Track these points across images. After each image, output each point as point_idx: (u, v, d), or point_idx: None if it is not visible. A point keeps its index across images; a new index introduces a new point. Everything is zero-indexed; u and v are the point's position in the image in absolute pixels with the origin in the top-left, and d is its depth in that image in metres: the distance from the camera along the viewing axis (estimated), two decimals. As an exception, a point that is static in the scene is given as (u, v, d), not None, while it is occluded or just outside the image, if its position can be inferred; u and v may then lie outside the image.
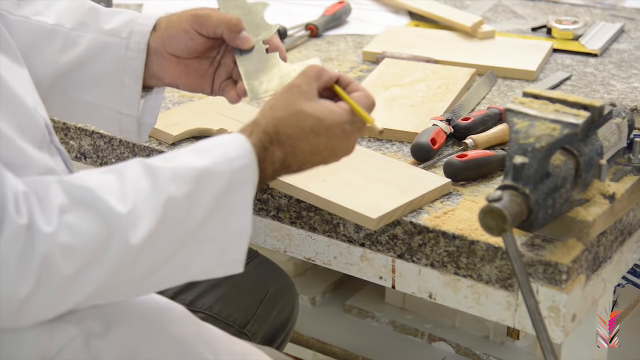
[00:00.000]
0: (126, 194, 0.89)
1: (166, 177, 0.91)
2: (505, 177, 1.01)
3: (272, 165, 0.98)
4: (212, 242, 0.95)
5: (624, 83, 1.51)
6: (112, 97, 1.16)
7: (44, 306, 0.88)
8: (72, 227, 0.86)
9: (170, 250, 0.92)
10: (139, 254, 0.89)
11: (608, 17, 1.82)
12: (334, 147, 1.01)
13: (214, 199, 0.93)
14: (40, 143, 0.99)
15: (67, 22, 1.16)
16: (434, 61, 1.56)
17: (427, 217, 1.13)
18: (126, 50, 1.14)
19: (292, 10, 1.86)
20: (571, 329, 1.08)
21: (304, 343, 1.78)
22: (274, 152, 0.98)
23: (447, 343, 1.74)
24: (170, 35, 1.14)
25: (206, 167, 0.93)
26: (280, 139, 0.98)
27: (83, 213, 0.87)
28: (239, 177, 0.95)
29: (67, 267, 0.86)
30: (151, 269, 0.92)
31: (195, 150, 0.96)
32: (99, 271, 0.88)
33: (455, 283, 1.12)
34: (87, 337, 0.97)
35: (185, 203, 0.91)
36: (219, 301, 1.31)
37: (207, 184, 0.93)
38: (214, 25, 1.13)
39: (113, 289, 0.91)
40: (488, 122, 1.32)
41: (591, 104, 1.06)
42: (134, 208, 0.89)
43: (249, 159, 0.95)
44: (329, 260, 1.21)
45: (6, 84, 0.95)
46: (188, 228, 0.92)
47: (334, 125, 1.00)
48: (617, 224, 1.14)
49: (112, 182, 0.90)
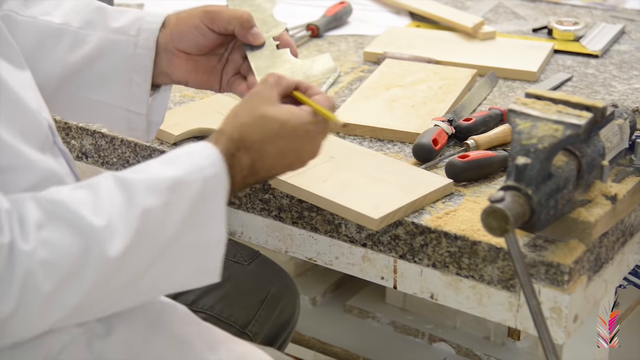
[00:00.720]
0: (101, 207, 0.89)
1: (140, 188, 0.92)
2: (508, 178, 1.01)
3: (240, 172, 0.99)
4: (189, 252, 0.95)
5: (625, 84, 1.51)
6: (121, 95, 1.16)
7: (26, 324, 0.88)
8: (50, 243, 0.87)
9: (148, 261, 0.92)
10: (117, 266, 0.89)
11: (609, 18, 1.82)
12: (299, 149, 1.02)
13: (188, 208, 0.93)
14: (43, 145, 0.99)
15: (74, 21, 1.16)
16: (435, 62, 1.56)
17: (429, 217, 1.13)
18: (135, 48, 1.15)
19: (293, 10, 1.86)
20: (573, 329, 1.08)
21: (305, 343, 1.79)
22: (241, 158, 0.98)
23: (448, 344, 1.74)
24: (180, 32, 1.14)
25: (178, 177, 0.93)
26: (246, 144, 0.99)
27: (59, 228, 0.87)
28: (210, 185, 0.95)
29: (47, 284, 0.86)
30: (130, 282, 0.92)
31: (165, 160, 0.96)
32: (79, 285, 0.88)
33: (457, 284, 1.12)
34: (89, 337, 0.98)
35: (160, 214, 0.92)
36: (220, 301, 1.31)
37: (180, 193, 0.93)
38: (226, 21, 1.13)
39: (94, 305, 0.91)
40: (489, 123, 1.32)
41: (594, 105, 1.06)
42: (109, 221, 0.89)
43: (219, 167, 0.96)
44: (331, 261, 1.21)
45: (9, 87, 0.95)
46: (164, 239, 0.93)
47: (297, 127, 1.01)
48: (618, 225, 1.14)
49: (86, 196, 0.90)
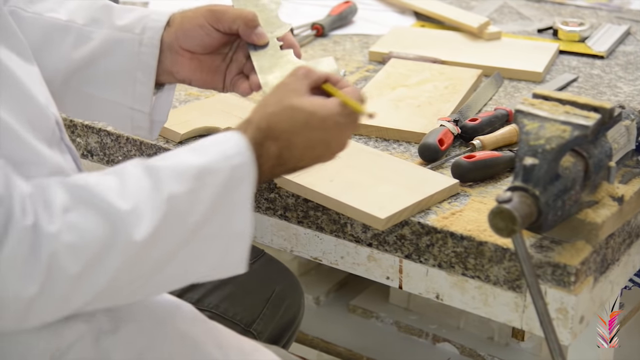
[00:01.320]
0: (127, 192, 0.89)
1: (166, 175, 0.92)
2: (515, 179, 1.01)
3: (268, 161, 0.98)
4: (215, 241, 0.95)
5: (631, 85, 1.51)
6: (125, 93, 1.16)
7: (51, 306, 0.88)
8: (76, 226, 0.87)
9: (173, 248, 0.92)
10: (143, 251, 0.89)
11: (614, 19, 1.82)
12: (328, 140, 1.02)
13: (215, 196, 0.93)
14: (50, 140, 0.99)
15: (80, 18, 1.17)
16: (440, 62, 1.56)
17: (435, 217, 1.13)
18: (139, 46, 1.15)
19: (298, 9, 1.86)
20: (579, 330, 1.08)
21: (308, 343, 1.78)
22: (269, 148, 0.98)
23: (452, 344, 1.74)
24: (185, 30, 1.14)
25: (205, 165, 0.93)
26: (274, 134, 0.98)
27: (85, 212, 0.87)
28: (237, 173, 0.95)
29: (73, 267, 0.86)
30: (156, 267, 0.92)
31: (193, 148, 0.96)
32: (105, 269, 0.88)
33: (462, 284, 1.12)
34: (96, 335, 0.98)
35: (186, 200, 0.91)
36: (225, 300, 1.31)
37: (207, 181, 0.93)
38: (231, 21, 1.14)
39: (119, 290, 0.91)
40: (495, 123, 1.32)
41: (601, 106, 1.06)
42: (136, 205, 0.89)
43: (247, 156, 0.95)
44: (336, 260, 1.21)
45: (19, 80, 0.95)
46: (190, 226, 0.92)
47: (326, 118, 1.00)
48: (625, 227, 1.14)
49: (113, 182, 0.90)
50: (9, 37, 0.99)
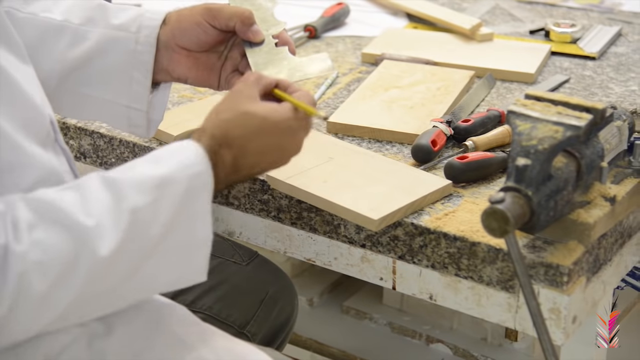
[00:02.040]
0: (90, 207, 0.90)
1: (127, 187, 0.92)
2: (508, 179, 1.02)
3: (223, 169, 0.98)
4: (177, 251, 0.95)
5: (622, 86, 1.52)
6: (121, 92, 1.17)
7: (20, 325, 0.88)
8: (42, 244, 0.87)
9: (137, 260, 0.92)
10: (108, 265, 0.90)
11: (605, 20, 1.83)
12: (282, 145, 1.02)
13: (175, 206, 0.94)
14: (44, 142, 0.99)
15: (75, 18, 1.17)
16: (433, 63, 1.56)
17: (428, 218, 1.14)
18: (135, 44, 1.15)
19: (291, 11, 1.86)
20: (572, 331, 1.08)
21: (302, 344, 1.79)
22: (224, 156, 0.98)
23: (445, 344, 1.74)
24: (182, 28, 1.15)
25: (165, 175, 0.93)
26: (228, 141, 0.99)
27: (50, 228, 0.87)
28: (196, 182, 0.95)
29: (40, 284, 0.86)
30: (121, 281, 0.92)
31: (151, 159, 0.96)
32: (71, 285, 0.88)
33: (456, 284, 1.12)
34: (90, 337, 0.98)
35: (148, 212, 0.92)
36: (218, 302, 1.31)
37: (167, 191, 0.93)
38: (227, 18, 1.14)
39: (85, 305, 0.91)
40: (488, 124, 1.33)
41: (593, 107, 1.06)
42: (99, 220, 0.89)
43: (204, 165, 0.96)
44: (330, 261, 1.21)
45: (14, 80, 0.95)
46: (153, 237, 0.93)
47: (279, 122, 1.01)
48: (617, 227, 1.15)
49: (73, 197, 0.90)
50: (5, 37, 0.99)
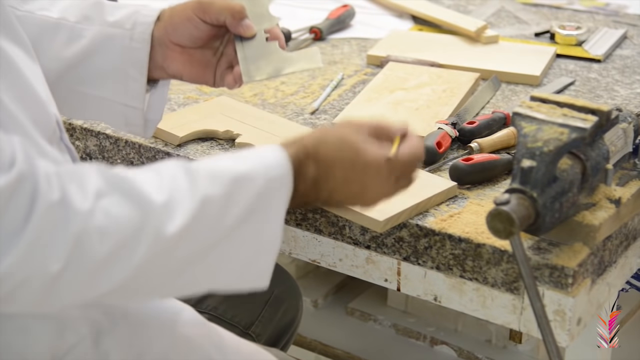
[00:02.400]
0: (163, 186, 0.89)
1: (203, 176, 0.91)
2: (513, 181, 1.02)
3: (304, 182, 0.97)
4: (243, 248, 0.93)
5: (628, 89, 1.52)
6: (118, 90, 1.17)
7: (74, 288, 0.86)
8: (108, 211, 0.85)
9: (201, 249, 0.91)
10: (171, 246, 0.88)
11: (611, 23, 1.83)
12: (365, 184, 1.00)
13: (249, 203, 0.92)
14: (51, 139, 0.99)
15: (71, 15, 1.17)
16: (438, 65, 1.56)
17: (433, 220, 1.14)
18: (130, 41, 1.15)
19: (296, 13, 1.86)
20: (576, 332, 1.08)
21: (306, 345, 1.79)
22: (308, 167, 0.97)
23: (450, 346, 1.75)
24: (174, 24, 1.15)
25: (243, 171, 0.93)
26: (317, 157, 0.97)
27: (119, 199, 0.86)
28: (274, 185, 0.94)
29: (99, 250, 0.84)
30: (181, 266, 0.90)
31: (234, 156, 0.96)
32: (132, 258, 0.86)
33: (460, 286, 1.12)
34: (96, 337, 0.98)
35: (220, 203, 0.91)
36: (223, 302, 1.31)
37: (242, 187, 0.92)
38: (217, 12, 1.14)
39: (141, 283, 0.89)
40: (493, 126, 1.33)
41: (599, 109, 1.06)
42: (170, 200, 0.88)
43: (285, 169, 0.95)
44: (334, 263, 1.21)
45: (25, 77, 0.96)
46: (221, 229, 0.91)
47: (370, 163, 0.99)
48: (622, 229, 1.15)
49: (150, 177, 0.90)
50: (15, 34, 1.00)
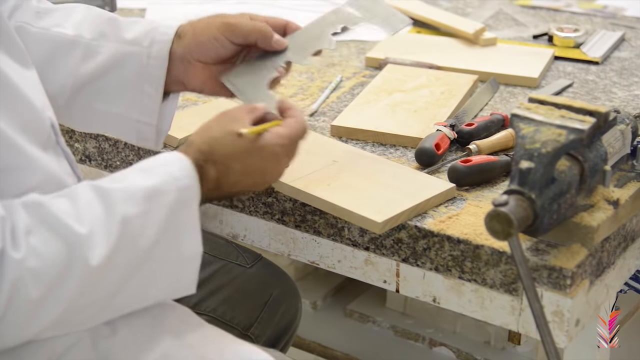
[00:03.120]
0: (82, 216, 0.91)
1: (117, 197, 0.93)
2: (511, 182, 1.02)
3: (206, 184, 1.00)
4: (166, 263, 0.97)
5: (625, 91, 1.52)
6: (132, 106, 1.18)
7: (12, 332, 0.89)
8: (38, 251, 0.88)
9: (127, 272, 0.94)
10: (99, 275, 0.91)
11: (609, 25, 1.83)
12: (264, 169, 1.04)
13: (164, 217, 0.95)
14: (45, 144, 1.00)
15: (86, 32, 1.18)
16: (436, 67, 1.57)
17: (431, 221, 1.14)
18: (148, 59, 1.16)
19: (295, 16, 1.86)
20: (575, 333, 1.09)
21: (305, 347, 1.79)
22: (209, 171, 1.00)
23: (448, 348, 1.75)
24: (199, 42, 1.16)
25: (154, 186, 0.95)
26: (214, 158, 1.01)
27: (46, 235, 0.89)
28: (184, 195, 0.97)
29: (34, 292, 0.87)
30: (112, 291, 0.94)
31: (141, 169, 0.97)
32: (64, 293, 0.89)
33: (459, 287, 1.13)
34: (94, 338, 0.98)
35: (138, 222, 0.93)
36: (222, 304, 1.31)
37: (156, 202, 0.95)
38: (246, 33, 1.16)
39: (76, 314, 0.93)
40: (491, 128, 1.33)
41: (597, 110, 1.07)
42: (91, 229, 0.90)
43: (192, 177, 0.98)
44: (333, 264, 1.21)
45: (12, 84, 0.96)
46: (143, 248, 0.94)
47: (265, 147, 1.03)
48: (620, 230, 1.15)
49: (66, 205, 0.91)
50: (4, 41, 1.00)
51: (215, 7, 1.91)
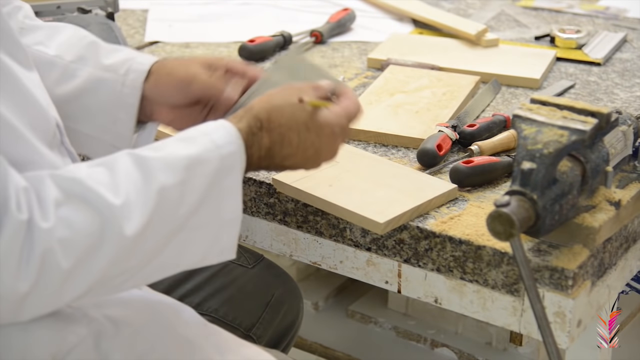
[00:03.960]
0: (118, 186, 0.90)
1: (156, 167, 0.93)
2: (513, 183, 1.02)
3: (258, 151, 1.00)
4: (205, 228, 0.96)
5: (627, 92, 1.52)
6: (106, 130, 1.17)
7: (44, 301, 0.89)
8: (69, 221, 0.87)
9: (164, 239, 0.93)
10: (134, 245, 0.90)
11: (611, 26, 1.83)
12: (320, 146, 1.04)
13: (205, 186, 0.95)
14: (51, 143, 1.00)
15: (67, 54, 1.17)
16: (438, 68, 1.57)
17: (433, 222, 1.14)
18: (122, 87, 1.15)
19: (297, 17, 1.87)
20: (576, 334, 1.09)
21: (307, 348, 1.79)
22: (262, 139, 1.00)
23: (450, 349, 1.75)
24: (159, 92, 1.15)
25: (195, 155, 0.95)
26: (270, 126, 1.00)
27: (78, 206, 0.88)
28: (227, 162, 0.96)
29: (65, 261, 0.87)
30: (146, 259, 0.93)
31: (183, 138, 0.97)
32: (96, 264, 0.89)
33: (461, 288, 1.13)
34: (97, 338, 0.98)
35: (176, 192, 0.93)
36: (224, 304, 1.31)
37: (197, 171, 0.94)
38: (199, 91, 1.14)
39: (110, 281, 0.92)
40: (493, 129, 1.33)
41: (598, 111, 1.07)
42: (127, 199, 0.90)
43: (237, 145, 0.97)
44: (335, 265, 1.21)
45: (20, 82, 0.96)
46: (181, 216, 0.93)
47: (324, 125, 1.03)
48: (622, 231, 1.15)
49: (103, 175, 0.91)
50: (9, 43, 1.00)
51: (217, 8, 1.92)
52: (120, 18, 1.85)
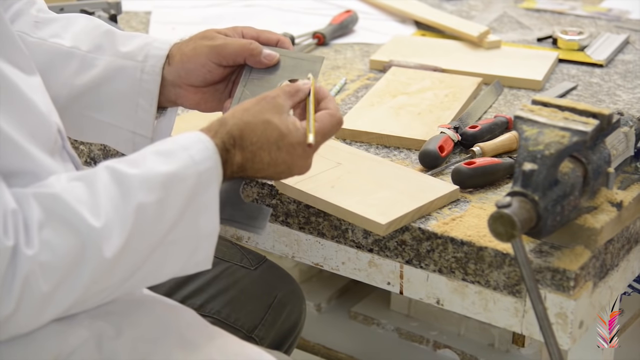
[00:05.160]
0: (98, 205, 0.91)
1: (135, 184, 0.93)
2: (515, 184, 1.02)
3: (230, 167, 1.01)
4: (182, 243, 0.97)
5: (630, 93, 1.52)
6: (127, 118, 1.18)
7: (23, 323, 0.91)
8: (50, 245, 0.89)
9: (142, 256, 0.94)
10: (113, 265, 0.92)
11: (613, 28, 1.83)
12: (291, 163, 1.04)
13: (182, 202, 0.95)
14: (52, 149, 1.00)
15: (83, 44, 1.18)
16: (440, 70, 1.57)
17: (435, 223, 1.14)
18: (141, 74, 1.16)
19: (300, 18, 1.87)
20: (578, 335, 1.09)
21: (310, 349, 1.79)
22: (235, 156, 1.01)
23: (453, 350, 1.75)
24: (187, 69, 1.16)
25: (173, 172, 0.95)
26: (243, 143, 1.01)
27: (59, 228, 0.89)
28: (204, 178, 0.97)
29: (46, 285, 0.89)
30: (125, 276, 0.95)
31: (162, 152, 0.97)
32: (76, 285, 0.91)
33: (463, 289, 1.13)
34: (99, 340, 0.99)
35: (154, 209, 0.93)
36: (227, 306, 1.32)
37: (175, 189, 0.95)
38: (234, 55, 1.16)
39: (90, 299, 0.94)
40: (495, 131, 1.33)
41: (600, 112, 1.07)
42: (106, 221, 0.91)
43: (214, 160, 0.98)
44: (337, 266, 1.22)
45: (19, 90, 0.96)
46: (158, 232, 0.95)
47: (296, 145, 1.03)
48: (624, 232, 1.15)
49: (82, 191, 0.92)
50: (10, 48, 1.00)
51: (220, 10, 1.92)
52: (123, 20, 1.85)
